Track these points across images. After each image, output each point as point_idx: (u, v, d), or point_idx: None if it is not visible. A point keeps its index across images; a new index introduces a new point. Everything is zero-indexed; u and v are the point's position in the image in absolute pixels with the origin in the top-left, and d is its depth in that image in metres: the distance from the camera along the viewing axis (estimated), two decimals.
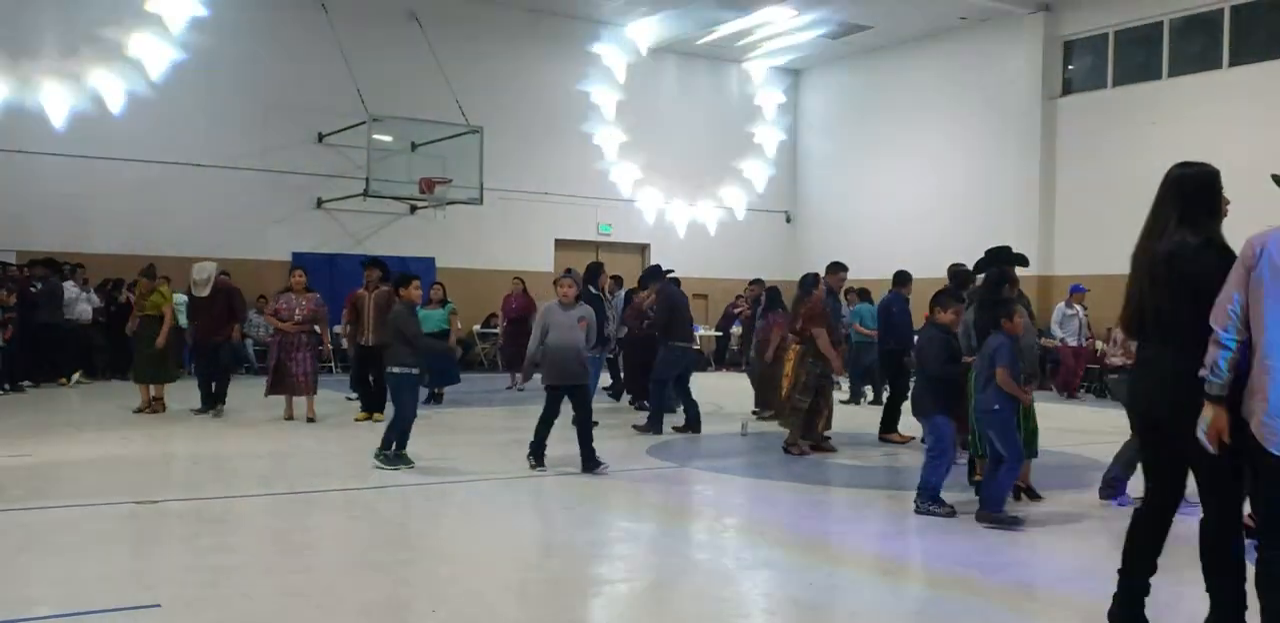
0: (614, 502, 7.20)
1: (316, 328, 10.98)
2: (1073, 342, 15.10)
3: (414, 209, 19.20)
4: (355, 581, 4.98)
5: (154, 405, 11.44)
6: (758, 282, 13.57)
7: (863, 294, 14.85)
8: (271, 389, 10.91)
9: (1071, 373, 15.42)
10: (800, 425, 9.25)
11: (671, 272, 11.67)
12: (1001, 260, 7.55)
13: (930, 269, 11.00)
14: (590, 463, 8.00)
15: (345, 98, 17.34)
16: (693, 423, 10.66)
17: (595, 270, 11.71)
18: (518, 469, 8.14)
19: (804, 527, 6.52)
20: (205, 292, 11.42)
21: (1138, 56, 17.94)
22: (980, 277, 7.71)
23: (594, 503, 7.10)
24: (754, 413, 11.89)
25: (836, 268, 10.14)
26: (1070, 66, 19.07)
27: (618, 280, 15.06)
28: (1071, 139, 18.60)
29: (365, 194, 17.03)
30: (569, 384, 8.03)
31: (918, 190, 20.86)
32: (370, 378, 11.04)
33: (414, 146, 18.29)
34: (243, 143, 17.89)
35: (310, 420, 10.79)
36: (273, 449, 9.09)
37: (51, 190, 16.52)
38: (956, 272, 8.64)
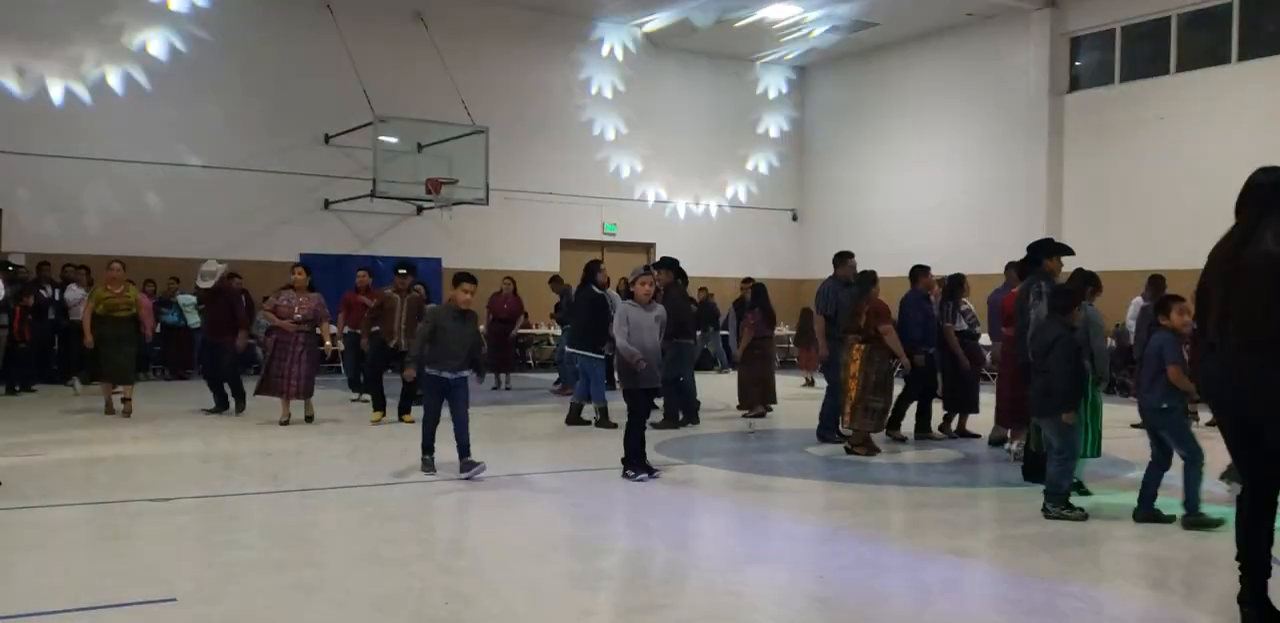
0: (622, 498, 7.21)
1: (318, 329, 10.74)
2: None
3: (420, 210, 19.24)
4: (367, 575, 5.00)
5: (124, 406, 11.11)
6: (748, 281, 13.63)
7: None
8: (260, 388, 10.66)
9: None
10: (875, 427, 9.06)
11: (674, 261, 11.59)
12: (1047, 251, 7.74)
13: (939, 266, 10.94)
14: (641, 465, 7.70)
15: (351, 99, 17.39)
16: (671, 418, 10.73)
17: (593, 268, 11.43)
18: (525, 466, 8.16)
19: (809, 521, 6.52)
20: (207, 284, 11.48)
21: (1145, 52, 17.89)
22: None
23: (603, 499, 7.12)
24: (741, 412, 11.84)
25: (845, 257, 10.14)
26: (1077, 62, 19.03)
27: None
28: (1079, 135, 18.56)
29: (372, 195, 17.07)
30: (648, 387, 7.78)
31: (925, 187, 20.84)
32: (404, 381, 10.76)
33: (420, 147, 18.32)
34: (249, 144, 17.95)
35: (308, 419, 10.66)
36: (282, 447, 9.12)
37: (57, 192, 16.58)
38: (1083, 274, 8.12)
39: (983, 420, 10.20)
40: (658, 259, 11.41)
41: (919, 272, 10.35)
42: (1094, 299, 7.45)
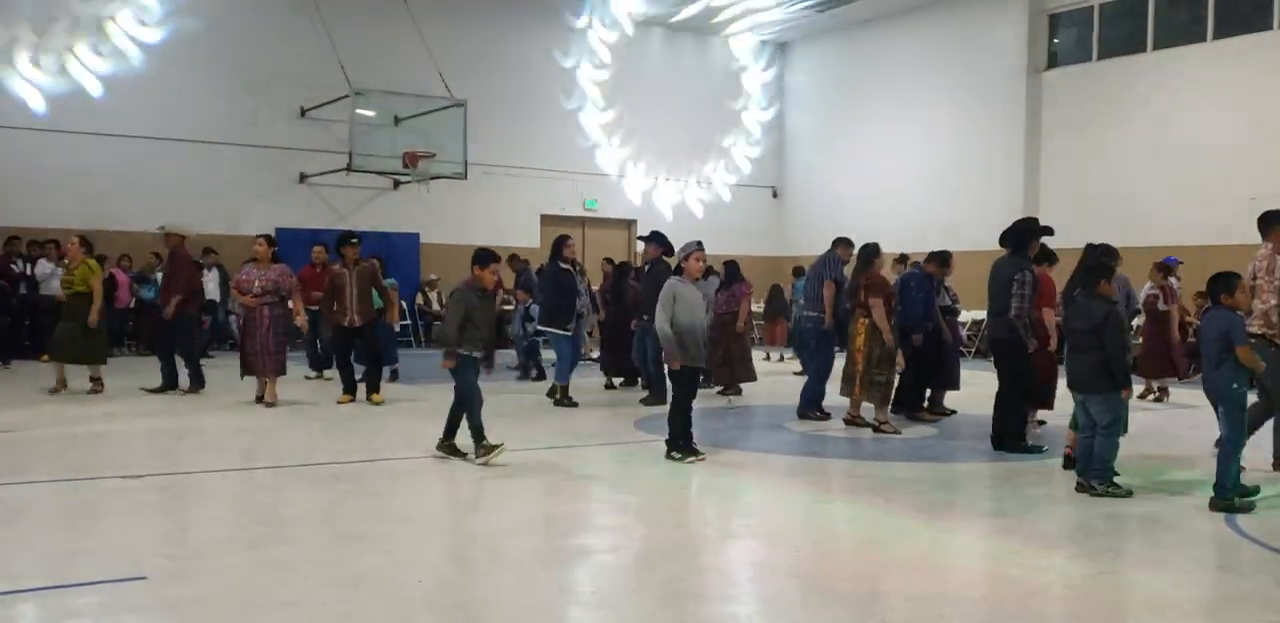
0: (601, 475, 7.21)
1: (289, 303, 10.30)
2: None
3: (398, 184, 19.09)
4: (341, 552, 4.98)
5: (93, 385, 10.82)
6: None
7: (798, 272, 15.69)
8: (242, 370, 10.36)
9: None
10: (881, 399, 9.10)
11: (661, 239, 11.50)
12: (1030, 232, 7.91)
13: (916, 243, 10.95)
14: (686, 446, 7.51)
15: (327, 71, 17.13)
16: (657, 395, 10.68)
17: (560, 243, 11.06)
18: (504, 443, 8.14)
19: (788, 497, 6.54)
20: (166, 240, 11.17)
21: (1123, 29, 17.91)
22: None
23: (581, 476, 7.11)
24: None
25: (845, 243, 10.16)
26: (1055, 39, 19.03)
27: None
28: (1057, 112, 18.59)
29: (348, 169, 16.92)
30: (695, 365, 7.59)
31: (905, 163, 20.83)
32: (374, 356, 10.49)
33: (397, 121, 18.14)
34: (224, 117, 17.73)
35: (268, 405, 10.07)
36: (257, 424, 9.07)
37: (29, 165, 16.34)
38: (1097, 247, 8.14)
39: (959, 397, 10.25)
40: (646, 234, 11.23)
41: (934, 257, 10.20)
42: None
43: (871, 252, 9.26)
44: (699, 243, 7.64)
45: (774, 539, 5.44)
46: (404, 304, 17.94)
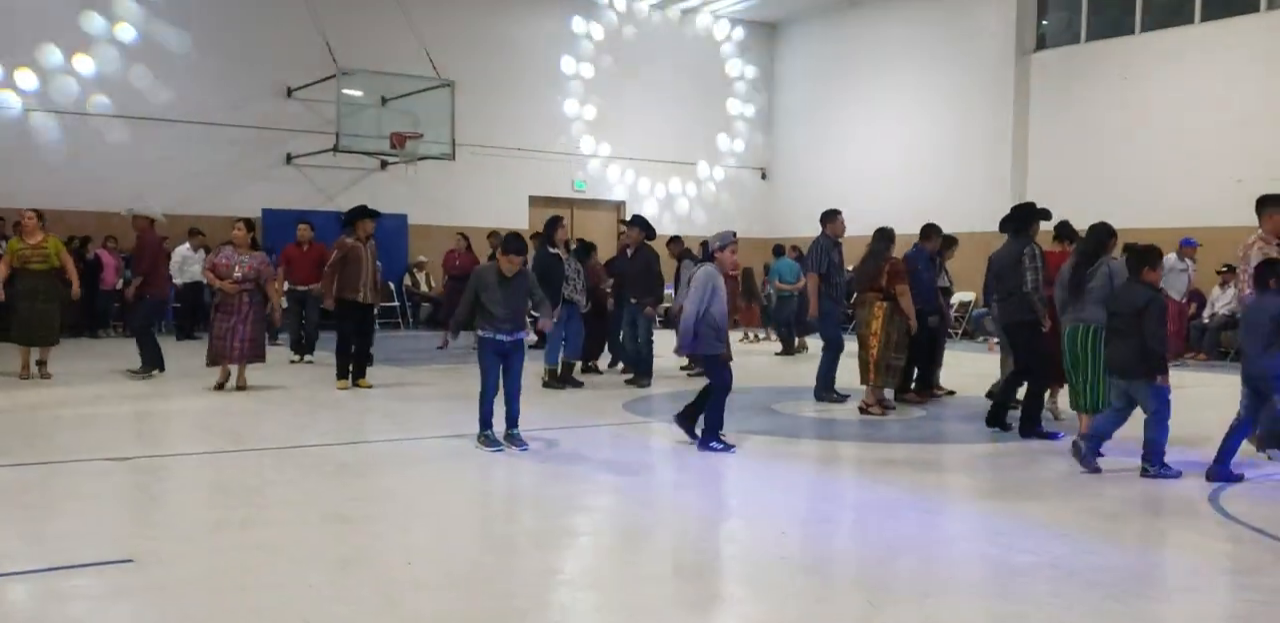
0: (587, 456, 7.22)
1: (268, 292, 9.93)
2: (1175, 297, 13.46)
3: (385, 165, 19.01)
4: (328, 535, 4.99)
5: (40, 370, 10.42)
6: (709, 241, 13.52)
7: (778, 251, 16.16)
8: (208, 358, 9.89)
9: (1175, 334, 13.72)
10: (894, 383, 9.17)
11: (640, 221, 11.48)
12: (1029, 215, 8.03)
13: (907, 224, 10.94)
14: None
15: (314, 51, 17.01)
16: (644, 375, 10.81)
17: (554, 225, 10.77)
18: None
19: (775, 479, 6.57)
20: (133, 223, 10.88)
21: (1111, 11, 17.89)
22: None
23: (568, 458, 7.12)
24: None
25: (833, 215, 10.07)
26: (1044, 21, 18.99)
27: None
28: (1045, 94, 18.58)
29: (335, 149, 16.84)
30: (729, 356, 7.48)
31: (893, 144, 20.81)
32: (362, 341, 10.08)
33: (384, 101, 18.03)
34: (210, 97, 17.60)
35: (239, 388, 9.74)
36: (244, 407, 9.04)
37: (11, 145, 16.21)
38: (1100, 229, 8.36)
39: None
40: (629, 217, 11.22)
41: (930, 230, 10.22)
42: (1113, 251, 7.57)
43: (888, 236, 9.29)
44: (734, 234, 7.48)
45: (761, 520, 5.46)
46: (391, 286, 17.90)
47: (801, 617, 3.95)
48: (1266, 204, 7.27)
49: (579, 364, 11.43)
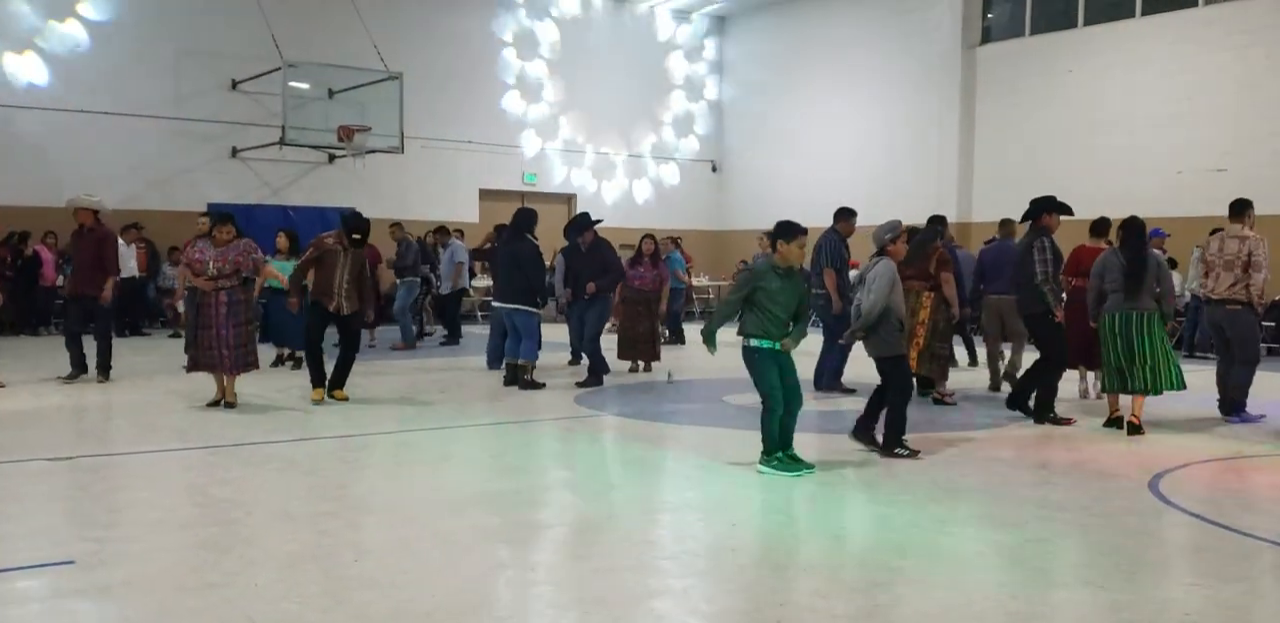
0: (540, 451, 7.21)
1: (255, 285, 9.20)
2: None
3: (332, 158, 18.79)
4: (276, 533, 4.93)
5: None
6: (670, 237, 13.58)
7: (676, 242, 16.19)
8: (190, 364, 8.99)
9: None
10: (940, 373, 9.21)
11: (599, 221, 11.40)
12: (1042, 209, 8.39)
13: (861, 216, 10.97)
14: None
15: (259, 43, 16.73)
16: (596, 375, 10.58)
17: (532, 217, 10.47)
18: (442, 420, 8.09)
19: (729, 470, 6.59)
20: (75, 216, 10.05)
21: (1055, 5, 18.13)
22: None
23: (521, 452, 7.10)
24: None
25: (848, 214, 10.15)
26: (990, 15, 19.20)
27: (444, 232, 15.52)
28: (991, 87, 18.79)
29: (281, 143, 16.58)
30: (901, 353, 7.30)
31: (841, 138, 20.94)
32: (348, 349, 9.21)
33: (331, 94, 17.79)
34: (153, 90, 17.28)
35: (228, 406, 8.65)
36: (190, 404, 8.89)
37: None
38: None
39: None
40: (576, 215, 11.13)
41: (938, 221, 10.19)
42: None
43: (940, 221, 9.67)
44: (900, 223, 7.10)
45: (712, 513, 5.48)
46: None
47: (752, 607, 3.97)
48: (1248, 205, 8.19)
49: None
